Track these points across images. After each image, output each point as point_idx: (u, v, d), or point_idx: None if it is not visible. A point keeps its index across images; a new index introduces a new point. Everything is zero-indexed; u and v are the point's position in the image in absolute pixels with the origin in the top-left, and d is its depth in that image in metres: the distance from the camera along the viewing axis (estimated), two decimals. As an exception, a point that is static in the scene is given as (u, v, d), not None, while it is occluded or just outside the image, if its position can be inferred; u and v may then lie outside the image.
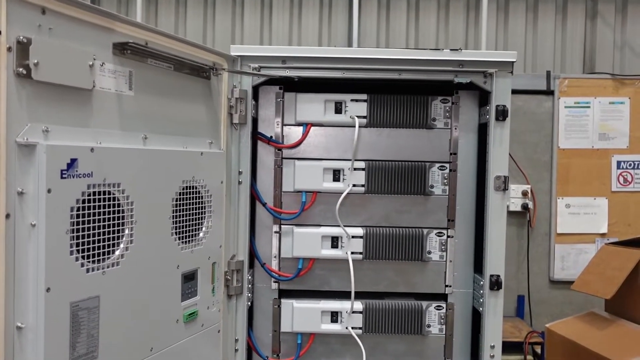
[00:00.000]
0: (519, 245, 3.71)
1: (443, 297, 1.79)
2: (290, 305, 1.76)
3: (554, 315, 3.50)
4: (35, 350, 1.03)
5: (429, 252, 1.76)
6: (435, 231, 1.77)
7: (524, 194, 3.62)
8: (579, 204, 3.70)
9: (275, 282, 1.77)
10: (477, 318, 1.77)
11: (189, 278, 1.45)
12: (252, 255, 1.77)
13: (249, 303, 1.74)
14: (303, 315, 1.75)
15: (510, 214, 3.59)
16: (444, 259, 1.77)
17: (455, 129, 1.77)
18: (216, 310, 1.58)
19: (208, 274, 1.53)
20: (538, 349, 3.25)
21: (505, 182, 1.69)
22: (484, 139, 1.74)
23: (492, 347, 1.69)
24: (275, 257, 1.77)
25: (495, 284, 1.68)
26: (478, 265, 1.77)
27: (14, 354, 1.01)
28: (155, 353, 1.32)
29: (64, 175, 1.06)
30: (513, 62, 1.69)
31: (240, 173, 1.69)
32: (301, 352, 1.76)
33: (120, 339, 1.21)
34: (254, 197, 1.76)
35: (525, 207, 3.65)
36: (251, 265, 1.77)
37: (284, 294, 1.79)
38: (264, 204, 1.75)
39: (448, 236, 1.77)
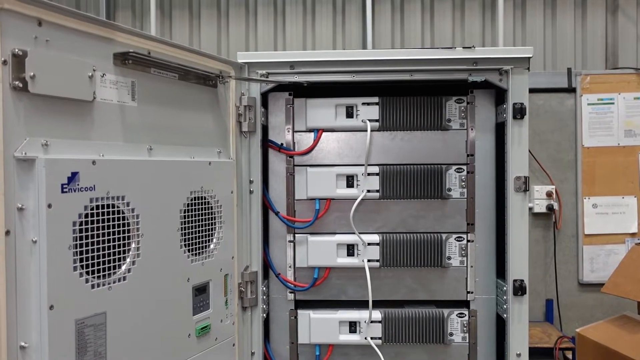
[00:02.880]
0: (545, 247, 3.60)
1: (465, 304, 1.72)
2: (307, 316, 1.71)
3: (584, 319, 3.38)
4: (41, 368, 1.00)
5: (449, 258, 1.70)
6: (454, 236, 1.70)
7: (549, 194, 3.52)
8: (607, 204, 3.58)
9: (291, 292, 1.73)
10: (501, 325, 1.69)
11: (201, 291, 1.42)
12: (266, 265, 1.73)
13: (265, 315, 1.70)
14: (320, 326, 1.71)
15: (535, 215, 3.49)
16: (465, 265, 1.71)
17: (472, 129, 1.71)
18: (230, 323, 1.54)
19: (220, 286, 1.49)
20: (569, 355, 3.14)
21: (526, 183, 1.62)
22: (502, 138, 1.68)
23: (519, 355, 1.62)
24: (290, 267, 1.73)
25: (519, 289, 1.60)
26: (500, 270, 1.70)
27: (18, 374, 0.99)
28: (166, 369, 1.29)
29: (64, 190, 1.04)
30: (529, 57, 1.63)
31: (251, 182, 1.65)
32: (319, 364, 1.71)
33: (129, 356, 1.18)
34: (267, 206, 1.72)
35: (550, 208, 3.54)
36: (265, 276, 1.73)
37: (300, 304, 1.75)
38: (277, 213, 1.71)
39: (468, 240, 1.70)
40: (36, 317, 1.00)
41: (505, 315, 1.64)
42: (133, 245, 1.20)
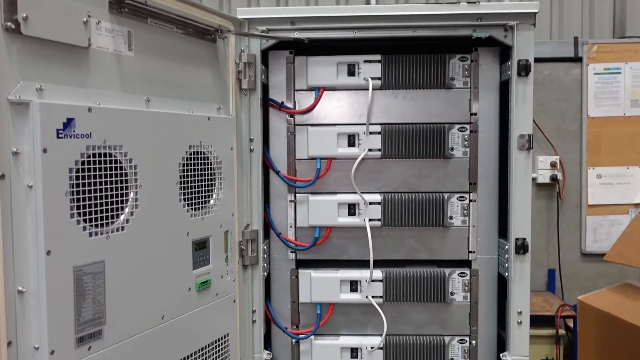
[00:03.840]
0: (548, 218, 3.59)
1: (466, 263, 1.71)
2: (308, 276, 1.71)
3: (586, 289, 3.38)
4: (39, 315, 1.00)
5: (451, 218, 1.69)
6: (456, 195, 1.69)
7: (553, 165, 3.50)
8: (611, 174, 3.55)
9: (292, 252, 1.73)
10: (502, 285, 1.69)
11: (201, 246, 1.41)
12: (267, 225, 1.72)
13: (266, 274, 1.70)
14: (321, 285, 1.70)
15: (539, 186, 3.47)
16: (467, 224, 1.69)
17: (475, 88, 1.68)
18: (230, 280, 1.54)
19: (221, 243, 1.49)
20: (570, 323, 3.14)
21: (530, 141, 1.60)
22: (506, 97, 1.65)
23: (520, 313, 1.61)
24: (291, 226, 1.72)
25: (522, 248, 1.59)
26: (502, 229, 1.69)
27: (16, 318, 0.99)
28: (167, 321, 1.29)
29: (60, 135, 1.02)
30: (535, 13, 1.60)
31: (251, 140, 1.64)
32: (321, 323, 1.71)
33: (129, 306, 1.18)
34: (267, 166, 1.70)
35: (554, 178, 3.52)
36: (266, 236, 1.73)
37: (301, 264, 1.74)
38: (278, 172, 1.70)
39: (470, 200, 1.69)
40: (33, 262, 0.99)
41: (506, 274, 1.63)
42: (131, 195, 1.19)
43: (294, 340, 1.73)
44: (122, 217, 1.17)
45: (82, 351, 1.07)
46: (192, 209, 1.38)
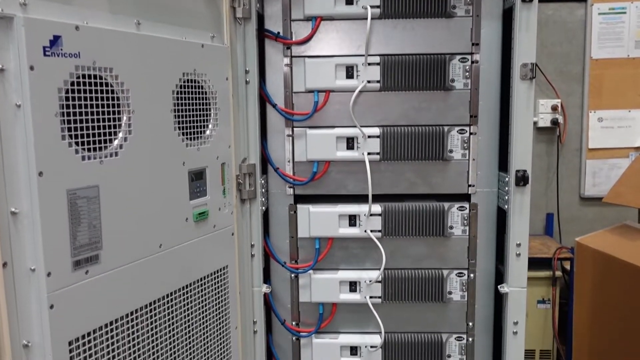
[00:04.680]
0: (548, 162, 3.58)
1: (466, 197, 1.70)
2: (306, 211, 1.70)
3: (584, 233, 3.38)
4: (33, 237, 0.99)
5: (450, 151, 1.67)
6: (457, 128, 1.66)
7: (554, 108, 3.46)
8: (613, 117, 3.52)
9: (290, 187, 1.71)
10: (502, 219, 1.68)
11: (197, 177, 1.39)
12: (265, 160, 1.70)
13: (264, 208, 1.69)
14: (320, 220, 1.70)
15: (539, 130, 3.44)
16: (467, 158, 1.67)
17: (478, 16, 1.63)
18: (228, 212, 1.52)
19: (217, 175, 1.47)
20: (567, 265, 3.17)
21: (533, 71, 1.55)
22: (509, 26, 1.60)
23: (518, 245, 1.61)
24: (288, 161, 1.70)
25: (522, 180, 1.58)
26: (503, 163, 1.67)
27: (11, 239, 0.97)
28: (164, 250, 1.28)
29: (47, 53, 0.98)
30: None
31: (247, 72, 1.60)
32: (320, 257, 1.71)
33: (126, 232, 1.17)
34: (264, 99, 1.67)
35: (555, 122, 3.49)
36: (264, 171, 1.71)
37: (299, 199, 1.73)
38: (274, 106, 1.66)
39: (471, 133, 1.66)
40: (25, 183, 0.97)
41: (506, 207, 1.62)
42: (124, 121, 1.16)
43: (292, 275, 1.74)
44: (115, 143, 1.14)
45: (79, 275, 1.06)
46: (187, 138, 1.35)
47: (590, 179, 3.55)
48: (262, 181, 1.66)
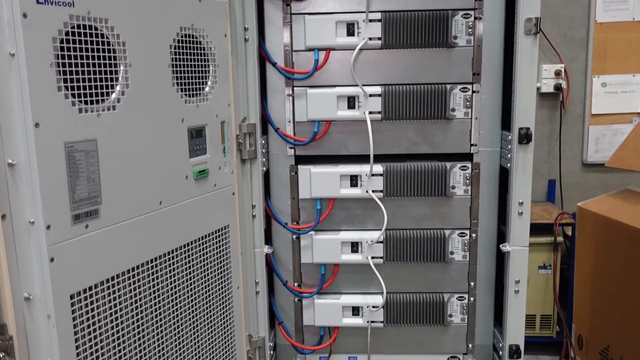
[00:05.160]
0: (550, 129, 3.55)
1: (468, 157, 1.68)
2: (307, 171, 1.69)
3: (586, 199, 3.38)
4: (32, 189, 0.98)
5: (453, 110, 1.64)
6: (459, 87, 1.64)
7: (557, 73, 3.41)
8: (617, 82, 3.48)
9: (290, 147, 1.69)
10: (504, 178, 1.67)
11: (197, 135, 1.38)
12: (265, 120, 1.68)
13: (264, 169, 1.67)
14: (321, 181, 1.68)
15: (542, 95, 3.41)
16: (469, 116, 1.65)
17: (481, -30, 1.59)
18: (229, 172, 1.51)
19: (217, 133, 1.45)
20: (569, 231, 3.17)
21: (537, 25, 1.52)
22: (513, -20, 1.57)
23: (521, 203, 1.60)
24: (289, 121, 1.68)
25: (525, 137, 1.56)
26: (506, 122, 1.65)
27: (9, 191, 0.96)
28: (164, 207, 1.27)
29: (40, 1, 0.96)
30: None
31: (246, 29, 1.57)
32: (321, 218, 1.70)
33: (125, 188, 1.16)
34: (263, 58, 1.64)
35: (558, 87, 3.45)
36: (264, 132, 1.69)
37: (300, 160, 1.72)
38: (274, 64, 1.64)
39: (473, 91, 1.64)
40: (22, 134, 0.96)
41: (509, 165, 1.61)
42: (121, 74, 1.13)
43: (294, 236, 1.73)
44: (113, 96, 1.12)
45: (79, 229, 1.06)
46: (186, 95, 1.33)
47: (593, 145, 3.53)
48: (263, 141, 1.65)
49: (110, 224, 1.13)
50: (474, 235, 1.70)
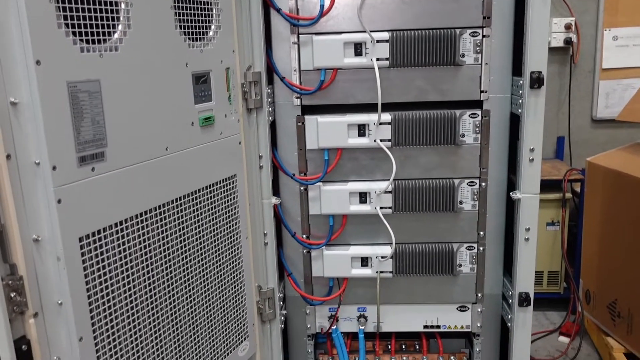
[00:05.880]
0: (560, 84, 3.49)
1: (478, 104, 1.65)
2: (314, 121, 1.66)
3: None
4: (36, 129, 0.96)
5: (462, 55, 1.60)
6: (469, 31, 1.59)
7: (567, 27, 3.34)
8: (628, 35, 3.40)
9: (297, 97, 1.67)
10: (515, 125, 1.64)
11: (201, 80, 1.35)
12: (270, 70, 1.65)
13: (271, 119, 1.65)
14: (329, 130, 1.66)
15: (552, 50, 3.33)
16: (479, 62, 1.61)
17: None
18: (235, 120, 1.49)
19: (222, 79, 1.42)
20: (577, 188, 3.15)
21: (550, -36, 1.47)
22: None
23: (532, 150, 1.58)
24: (295, 70, 1.64)
25: (537, 82, 1.52)
26: (517, 67, 1.61)
27: (13, 131, 0.95)
28: (171, 153, 1.26)
29: None
30: None
31: (249, -26, 1.52)
32: (329, 169, 1.69)
33: (131, 131, 1.14)
34: (267, 4, 1.60)
35: (568, 41, 3.38)
36: (270, 82, 1.66)
37: (307, 110, 1.69)
38: (279, 10, 1.60)
39: (483, 36, 1.59)
40: (23, 72, 0.94)
41: (520, 111, 1.58)
42: (122, 12, 1.10)
43: (302, 187, 1.72)
44: (115, 36, 1.09)
45: (85, 171, 1.04)
46: (189, 38, 1.30)
47: (603, 101, 3.47)
48: (269, 90, 1.62)
49: (116, 167, 1.11)
50: (483, 184, 1.69)
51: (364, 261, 1.74)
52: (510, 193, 1.64)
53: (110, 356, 1.12)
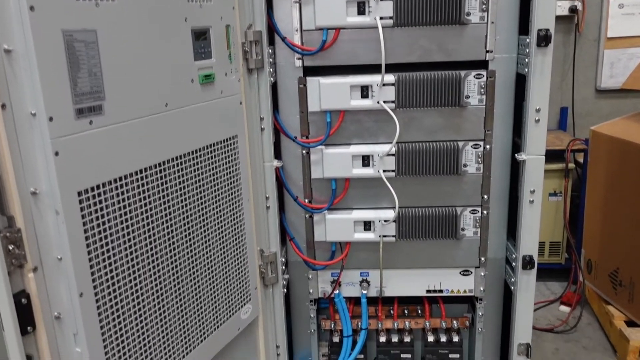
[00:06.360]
0: (564, 53, 3.44)
1: (483, 64, 1.62)
2: (316, 83, 1.63)
3: (599, 126, 3.33)
4: (32, 79, 0.93)
5: (468, 14, 1.56)
6: (474, -12, 1.55)
7: (573, -5, 3.28)
8: (634, 3, 3.34)
9: (298, 58, 1.63)
10: (521, 86, 1.61)
11: (201, 36, 1.31)
12: (271, 30, 1.61)
13: (272, 79, 1.62)
14: (331, 92, 1.63)
15: (557, 19, 3.26)
16: (485, 21, 1.57)
17: None
18: (235, 79, 1.46)
19: (222, 37, 1.39)
20: (580, 158, 3.13)
21: None
22: None
23: (538, 110, 1.55)
24: (296, 30, 1.61)
25: (544, 39, 1.49)
26: (523, 26, 1.57)
27: (7, 79, 0.92)
28: (170, 110, 1.23)
29: None
30: None
31: None
32: (331, 132, 1.66)
33: (129, 86, 1.11)
34: (268, -39, 1.56)
35: (573, 10, 3.32)
36: (271, 42, 1.62)
37: (308, 71, 1.65)
38: (279, -34, 1.55)
39: (490, -7, 1.55)
40: (16, 18, 0.91)
41: (526, 70, 1.54)
42: (119, -39, 1.07)
43: (304, 151, 1.70)
44: (111, -15, 1.06)
45: (83, 124, 1.02)
46: (188, -8, 1.26)
47: (608, 70, 3.43)
48: (270, 51, 1.58)
49: (115, 122, 1.09)
50: (488, 146, 1.66)
51: (367, 225, 1.73)
52: (516, 155, 1.61)
53: (111, 313, 1.11)
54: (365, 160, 1.67)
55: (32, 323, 1.00)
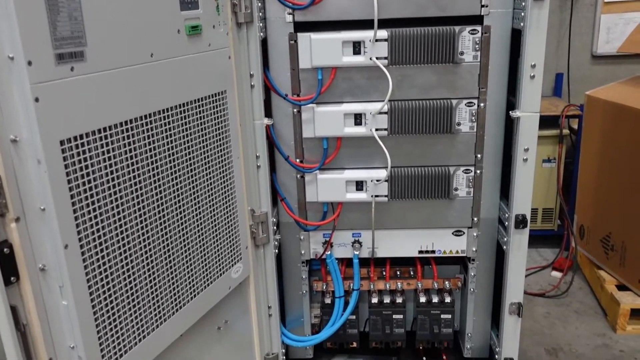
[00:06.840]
0: (561, 18, 3.40)
1: (478, 20, 1.58)
2: (307, 39, 1.59)
3: (594, 92, 3.30)
4: (9, 21, 0.89)
5: (463, -34, 1.52)
6: (470, -60, 1.50)
7: (570, -42, 3.22)
8: (633, -34, 3.28)
9: (289, 13, 1.59)
10: (516, 43, 1.57)
11: (187, -14, 1.27)
12: (261, -17, 1.57)
13: (262, 35, 1.57)
14: (322, 48, 1.59)
15: (553, -18, 3.24)
16: (481, -26, 1.53)
17: None
18: (224, 32, 1.42)
19: (209, -13, 1.35)
20: (574, 125, 3.11)
21: None
22: None
23: (533, 66, 1.52)
24: (286, -17, 1.56)
25: (541, -8, 1.45)
26: (520, -20, 1.53)
27: (-17, 19, 0.88)
28: (156, 60, 1.19)
29: None
30: None
31: None
32: (322, 89, 1.63)
33: (112, 32, 1.08)
34: None
35: (570, -27, 3.26)
36: (261, -4, 1.58)
37: (299, 27, 1.61)
38: None
39: (486, -55, 1.51)
40: (-10, -46, 0.87)
41: (522, 24, 1.51)
42: None
43: (295, 109, 1.66)
44: None
45: (64, 70, 0.98)
46: (173, -63, 1.22)
47: (604, 36, 3.39)
48: (259, 4, 1.54)
49: (97, 70, 1.05)
50: (482, 104, 1.63)
51: (359, 185, 1.71)
52: (510, 112, 1.59)
53: (98, 266, 1.09)
54: (357, 118, 1.64)
55: (15, 273, 0.98)
